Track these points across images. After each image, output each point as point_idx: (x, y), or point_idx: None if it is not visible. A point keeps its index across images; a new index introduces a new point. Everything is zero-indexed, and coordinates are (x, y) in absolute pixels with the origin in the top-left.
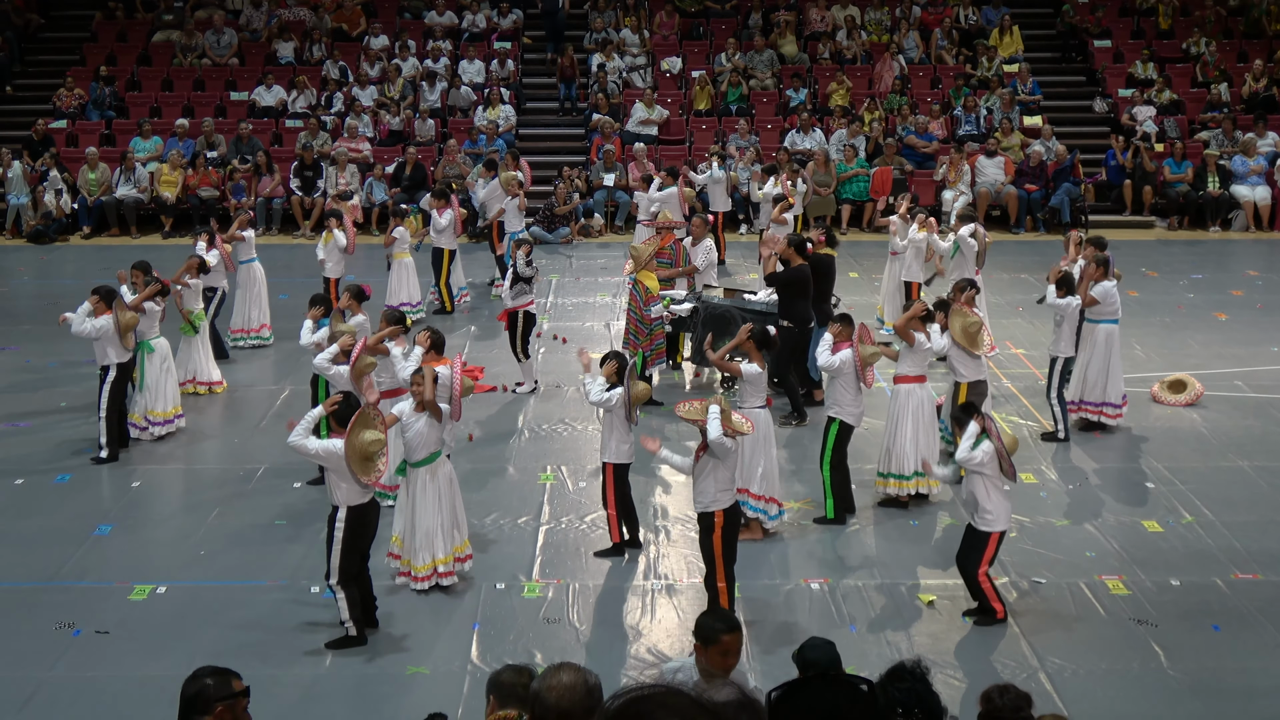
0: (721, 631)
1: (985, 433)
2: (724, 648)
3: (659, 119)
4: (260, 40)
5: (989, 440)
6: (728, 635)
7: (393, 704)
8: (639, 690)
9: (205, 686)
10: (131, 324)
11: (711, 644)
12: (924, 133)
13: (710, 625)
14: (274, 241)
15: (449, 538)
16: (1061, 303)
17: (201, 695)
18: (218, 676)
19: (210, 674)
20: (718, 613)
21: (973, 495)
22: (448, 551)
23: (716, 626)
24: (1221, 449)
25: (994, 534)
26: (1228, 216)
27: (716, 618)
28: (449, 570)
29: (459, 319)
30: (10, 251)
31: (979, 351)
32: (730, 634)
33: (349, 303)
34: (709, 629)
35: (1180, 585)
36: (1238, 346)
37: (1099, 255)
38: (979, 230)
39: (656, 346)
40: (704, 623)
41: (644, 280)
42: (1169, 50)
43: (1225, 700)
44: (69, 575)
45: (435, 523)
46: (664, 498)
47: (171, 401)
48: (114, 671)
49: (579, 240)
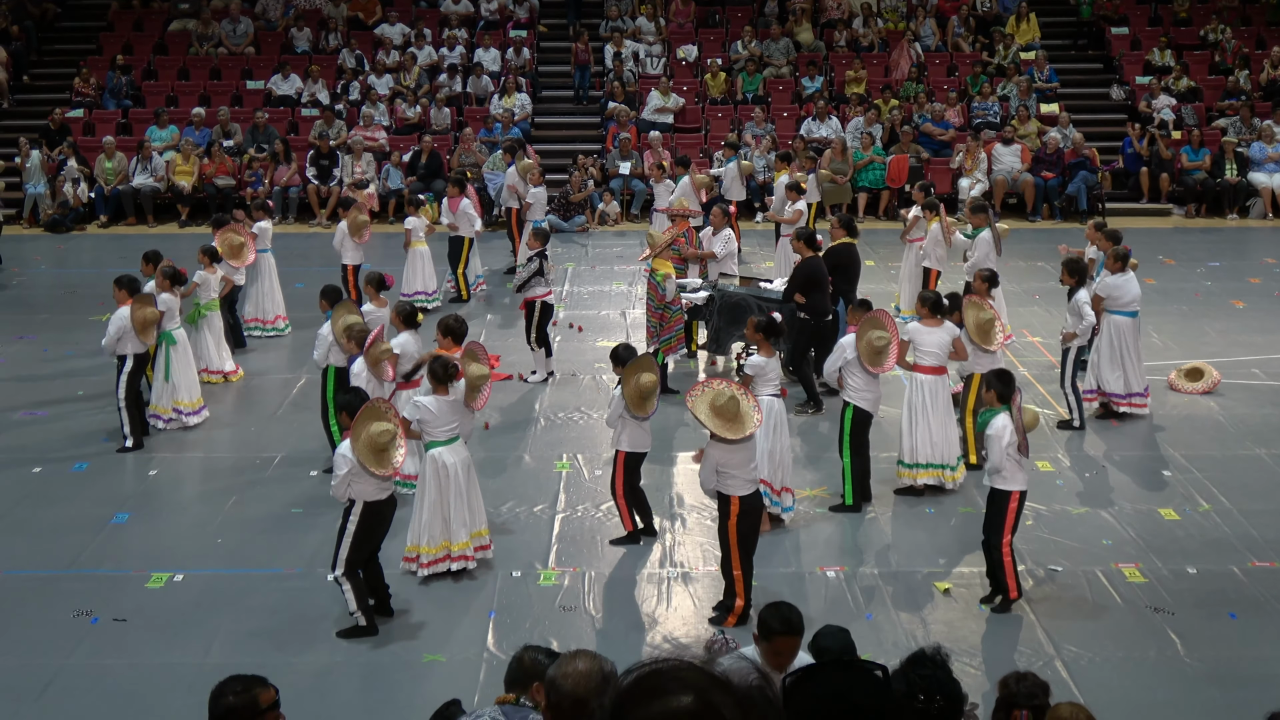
0: (776, 632)
1: (1007, 405)
2: (775, 648)
3: (674, 107)
4: (276, 29)
5: (1009, 413)
6: (780, 638)
7: (409, 691)
8: (652, 664)
9: (231, 708)
10: (152, 320)
11: (765, 640)
12: (940, 120)
13: (768, 622)
14: (290, 230)
15: (463, 524)
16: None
17: (231, 715)
18: (243, 691)
19: (235, 690)
20: (781, 610)
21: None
22: (463, 538)
23: (773, 626)
24: (1239, 437)
25: (1013, 494)
26: (1245, 204)
27: (777, 616)
28: (464, 555)
29: (475, 307)
30: (27, 241)
31: (990, 347)
32: (784, 637)
33: (369, 291)
34: (765, 625)
35: (1197, 573)
36: (1255, 334)
37: (1117, 250)
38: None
39: (676, 333)
40: (765, 616)
41: (659, 268)
42: (1187, 37)
43: (1242, 688)
44: (87, 563)
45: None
46: (680, 485)
47: (196, 390)
48: (131, 659)
49: (595, 228)
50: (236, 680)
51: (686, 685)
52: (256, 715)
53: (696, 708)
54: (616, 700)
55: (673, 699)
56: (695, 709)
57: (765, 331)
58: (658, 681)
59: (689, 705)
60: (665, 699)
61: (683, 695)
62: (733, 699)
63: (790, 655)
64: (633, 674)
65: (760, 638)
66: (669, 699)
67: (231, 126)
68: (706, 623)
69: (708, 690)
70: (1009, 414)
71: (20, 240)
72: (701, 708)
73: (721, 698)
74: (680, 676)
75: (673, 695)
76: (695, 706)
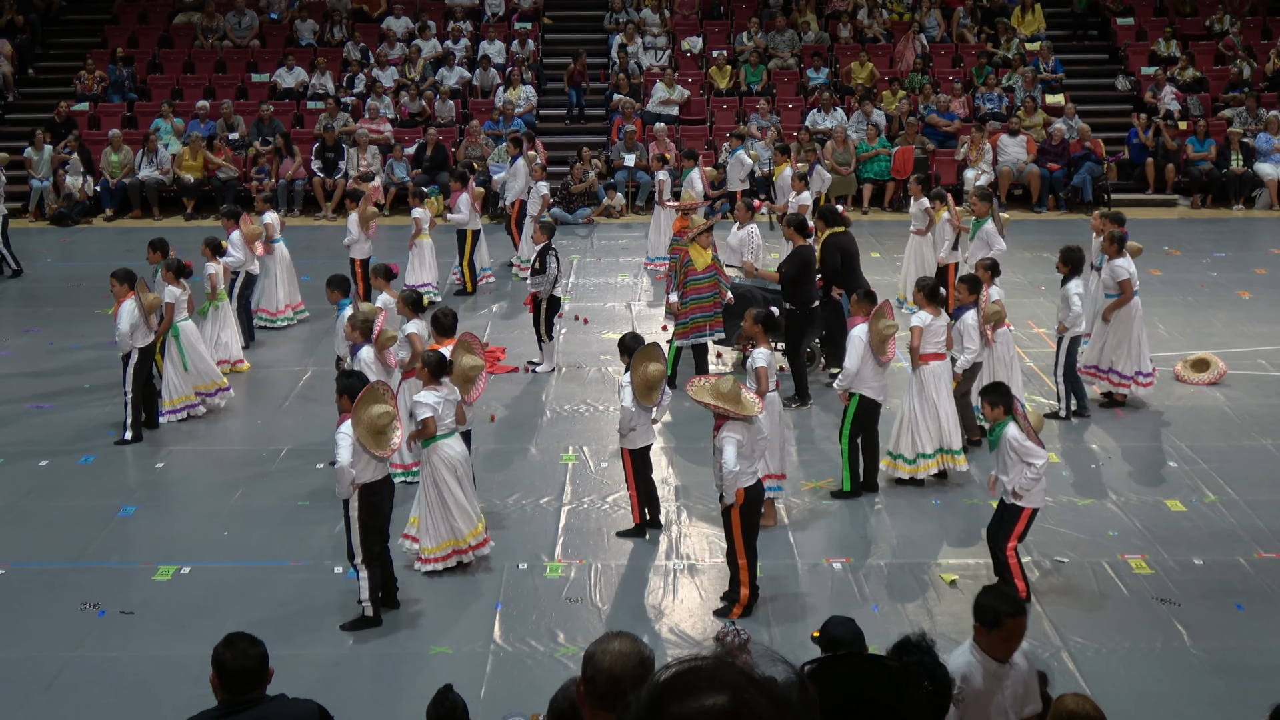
0: (1005, 615)
1: (1011, 414)
2: (1006, 632)
3: (680, 99)
4: (281, 22)
5: (1014, 422)
6: (1011, 620)
7: (416, 683)
8: (689, 662)
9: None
10: (155, 304)
11: (995, 627)
12: (946, 111)
13: (992, 608)
14: (296, 223)
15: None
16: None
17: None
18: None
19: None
20: (1000, 593)
21: (1004, 471)
22: (466, 532)
23: (1000, 609)
24: (1244, 427)
25: (1025, 510)
26: (1251, 194)
27: (999, 599)
28: (464, 548)
29: (481, 299)
30: (33, 234)
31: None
32: (1014, 618)
33: (378, 283)
34: (991, 611)
35: (1203, 564)
36: (1261, 325)
37: (1114, 232)
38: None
39: (692, 320)
40: (985, 604)
41: (694, 254)
42: (1192, 27)
43: (1248, 679)
44: (94, 556)
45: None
46: (686, 477)
47: (216, 372)
48: (138, 651)
49: (599, 220)
50: (242, 637)
51: (723, 684)
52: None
53: (732, 706)
54: (652, 695)
55: (708, 697)
56: (731, 708)
57: (764, 324)
58: (694, 679)
59: (724, 704)
60: (701, 696)
61: (718, 694)
62: (768, 699)
63: (1020, 637)
64: (670, 670)
65: (986, 626)
66: (704, 696)
67: (236, 119)
68: (712, 614)
69: (744, 690)
70: (1016, 423)
71: (26, 234)
72: (737, 707)
73: (757, 698)
74: (717, 675)
75: (708, 694)
76: (731, 705)
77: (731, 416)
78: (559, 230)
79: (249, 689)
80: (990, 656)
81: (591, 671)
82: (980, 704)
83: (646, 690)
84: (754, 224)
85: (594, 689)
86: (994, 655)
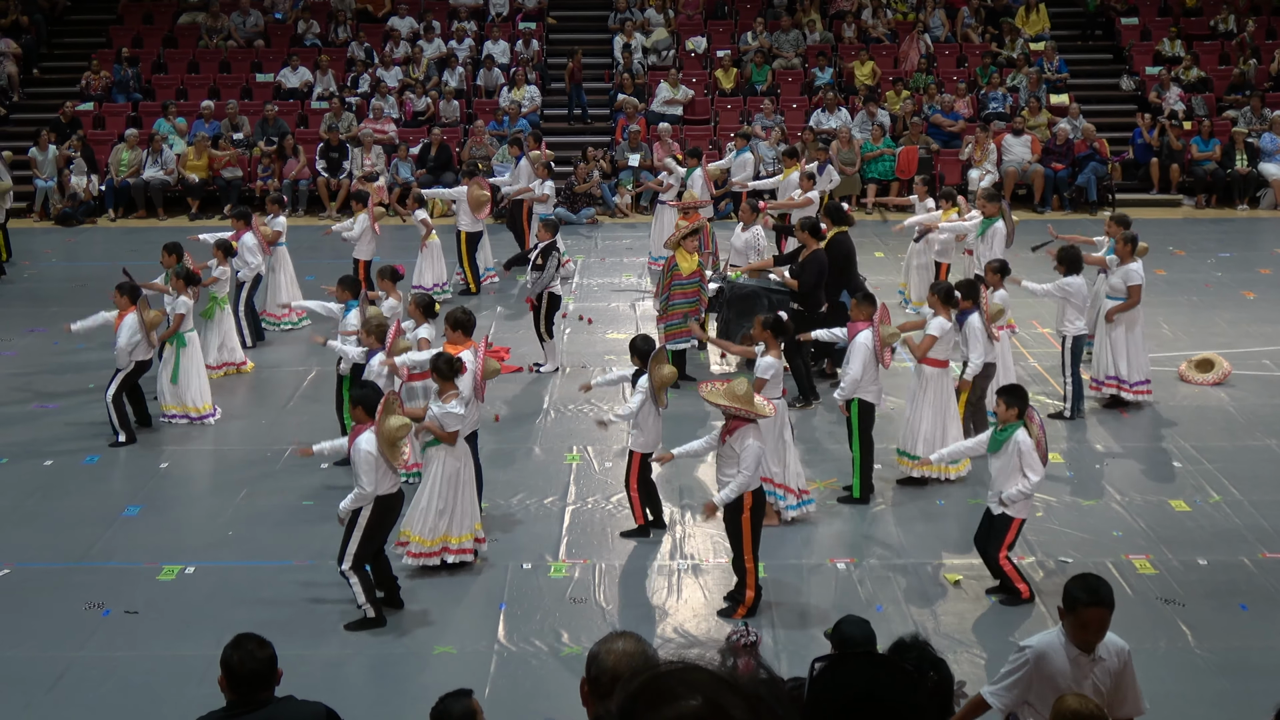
0: (1080, 602)
1: (1024, 420)
2: (1082, 620)
3: (684, 99)
4: (285, 22)
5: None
6: (1087, 609)
7: (419, 683)
8: (660, 667)
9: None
10: (157, 321)
11: (1070, 613)
12: (950, 111)
13: (1073, 594)
14: (300, 223)
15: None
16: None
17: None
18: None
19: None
20: (1088, 581)
21: (1001, 476)
22: (463, 531)
23: (1077, 596)
24: (1249, 428)
25: (1015, 520)
26: (1256, 194)
27: (1081, 586)
28: (462, 549)
29: (485, 299)
30: (38, 234)
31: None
32: (1090, 609)
33: (385, 285)
34: (1071, 597)
35: (1207, 564)
36: (1266, 325)
37: (1127, 234)
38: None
39: (675, 324)
40: (1069, 587)
41: (680, 259)
42: (1196, 27)
43: (1252, 679)
44: (98, 556)
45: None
46: (690, 478)
47: (207, 394)
48: (143, 651)
49: (603, 220)
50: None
51: (694, 687)
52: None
53: (705, 710)
54: (624, 704)
55: (681, 702)
56: (704, 711)
57: (773, 330)
58: (666, 685)
59: (697, 708)
60: (674, 703)
61: (691, 698)
62: (742, 699)
63: (1098, 629)
64: (639, 678)
65: (1066, 610)
66: (678, 703)
67: (240, 119)
68: (716, 614)
69: (716, 691)
70: (1028, 430)
71: (30, 234)
72: (710, 710)
73: (730, 698)
74: (688, 679)
75: (681, 698)
76: (704, 709)
77: (746, 418)
78: (561, 230)
79: (257, 690)
80: (1071, 642)
81: (595, 671)
82: (1054, 684)
83: (618, 699)
84: (758, 225)
85: (598, 688)
86: (1074, 641)
